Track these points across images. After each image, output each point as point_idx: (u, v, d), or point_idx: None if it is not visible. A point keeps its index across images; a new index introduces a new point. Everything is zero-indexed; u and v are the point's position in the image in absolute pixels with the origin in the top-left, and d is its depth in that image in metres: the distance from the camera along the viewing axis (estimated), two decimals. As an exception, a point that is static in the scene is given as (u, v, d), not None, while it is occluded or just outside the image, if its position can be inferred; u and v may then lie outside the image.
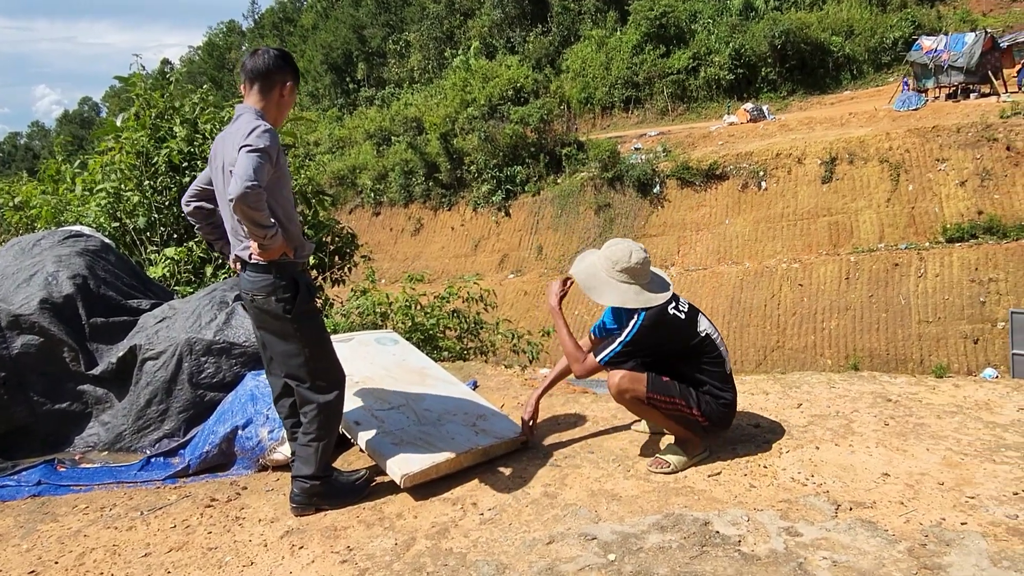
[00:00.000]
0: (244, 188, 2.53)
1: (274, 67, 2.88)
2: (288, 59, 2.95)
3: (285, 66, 2.91)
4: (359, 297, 7.28)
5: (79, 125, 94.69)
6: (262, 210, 2.61)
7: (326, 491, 3.01)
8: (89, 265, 4.53)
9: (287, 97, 2.93)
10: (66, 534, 3.04)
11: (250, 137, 2.65)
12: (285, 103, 2.94)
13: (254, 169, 2.57)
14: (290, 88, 2.93)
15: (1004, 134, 23.55)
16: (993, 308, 20.83)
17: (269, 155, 2.64)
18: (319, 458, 2.94)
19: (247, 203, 2.55)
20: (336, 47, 62.06)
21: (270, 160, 2.65)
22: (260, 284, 2.84)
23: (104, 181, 7.10)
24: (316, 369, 2.91)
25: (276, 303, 2.82)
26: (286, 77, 2.92)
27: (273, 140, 2.68)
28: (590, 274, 3.06)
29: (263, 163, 2.61)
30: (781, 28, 35.35)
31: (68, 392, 4.10)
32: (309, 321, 2.91)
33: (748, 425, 3.41)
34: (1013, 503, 2.52)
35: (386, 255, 36.88)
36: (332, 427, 2.99)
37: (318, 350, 2.92)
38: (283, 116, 3.00)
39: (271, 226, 2.69)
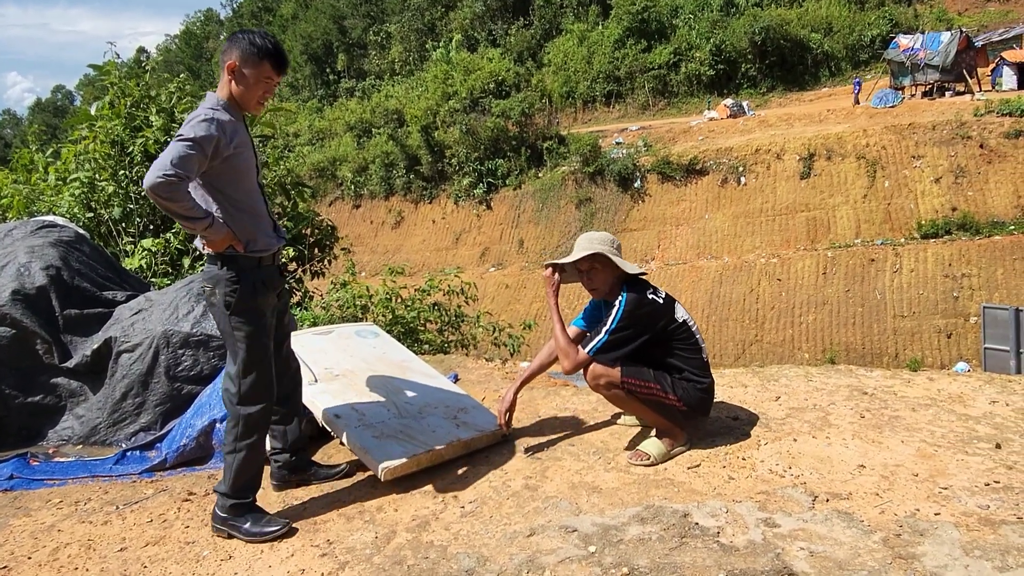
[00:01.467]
0: (154, 178, 2.43)
1: (224, 47, 2.74)
2: (234, 37, 2.73)
3: (229, 46, 2.72)
4: (339, 290, 7.23)
5: (52, 113, 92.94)
6: (178, 201, 2.49)
7: (239, 515, 2.75)
8: (63, 256, 4.45)
9: (238, 76, 2.69)
10: (39, 529, 2.99)
11: (185, 125, 2.56)
12: (239, 83, 2.71)
13: (174, 158, 2.45)
14: (232, 67, 2.69)
15: (978, 132, 23.95)
16: (966, 303, 21.21)
17: (199, 145, 2.51)
18: (233, 475, 2.75)
19: (157, 193, 2.45)
20: (316, 37, 61.46)
21: (201, 150, 2.52)
22: (208, 275, 2.76)
23: (78, 170, 6.99)
24: (244, 376, 2.74)
25: (217, 295, 2.72)
26: (229, 56, 2.71)
27: (210, 129, 2.54)
28: (608, 249, 3.10)
29: (190, 153, 2.48)
30: (761, 24, 35.62)
31: (41, 385, 4.03)
32: (246, 323, 2.73)
33: (727, 418, 3.44)
34: (985, 493, 2.57)
35: (366, 248, 36.68)
36: (251, 443, 2.76)
37: (251, 355, 2.73)
38: (249, 98, 2.74)
39: (201, 217, 2.58)
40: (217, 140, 2.57)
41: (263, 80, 2.73)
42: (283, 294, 3.02)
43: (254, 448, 2.78)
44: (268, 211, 2.92)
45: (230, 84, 2.71)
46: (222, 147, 2.61)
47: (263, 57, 2.70)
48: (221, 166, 2.65)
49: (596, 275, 3.14)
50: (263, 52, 2.70)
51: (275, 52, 2.73)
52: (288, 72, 19.83)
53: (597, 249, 3.08)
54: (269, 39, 2.74)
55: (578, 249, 3.13)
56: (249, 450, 2.76)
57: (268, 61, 2.71)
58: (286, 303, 3.09)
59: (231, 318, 2.72)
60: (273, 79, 2.76)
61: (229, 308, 2.71)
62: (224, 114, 2.67)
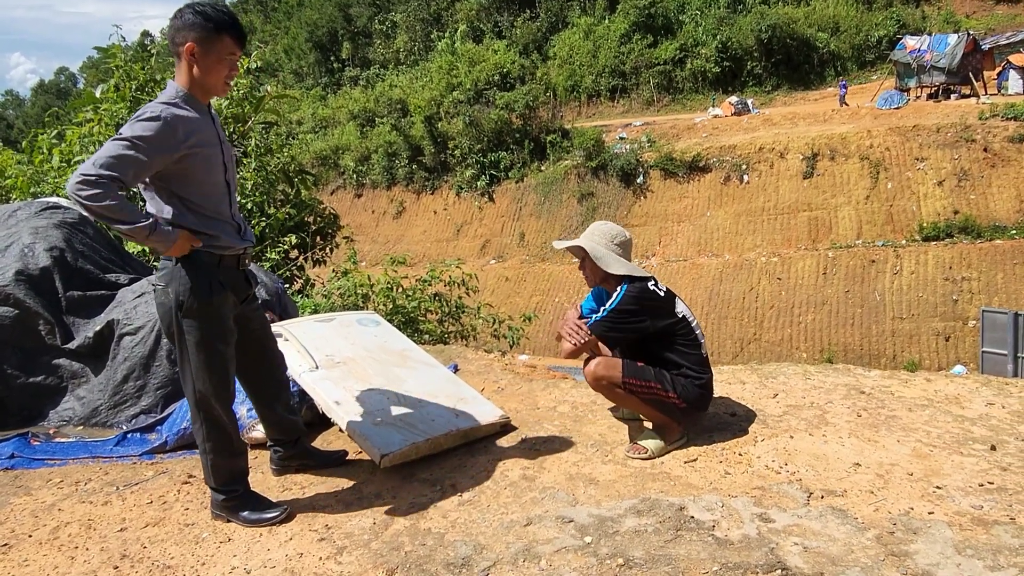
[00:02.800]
0: (73, 180, 2.22)
1: (173, 29, 2.41)
2: (182, 14, 2.39)
3: (180, 25, 2.39)
4: (340, 278, 7.25)
5: (55, 95, 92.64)
6: (100, 204, 2.23)
7: (234, 507, 2.74)
8: (67, 238, 4.46)
9: (199, 59, 2.40)
10: (40, 508, 3.01)
11: (129, 122, 2.32)
12: (200, 67, 2.42)
13: (100, 159, 2.23)
14: (191, 49, 2.38)
15: (982, 135, 23.94)
16: (965, 307, 21.26)
17: (137, 145, 2.27)
18: (212, 473, 2.71)
19: (76, 197, 2.22)
20: (321, 25, 61.25)
21: (139, 151, 2.27)
22: (161, 271, 2.57)
23: (82, 153, 7.00)
24: (197, 382, 2.59)
25: (169, 294, 2.52)
26: (183, 36, 2.39)
27: (155, 128, 2.30)
28: (594, 247, 3.13)
29: (124, 154, 2.24)
30: (768, 22, 35.54)
31: (43, 366, 4.05)
32: (198, 327, 2.53)
33: (725, 414, 3.46)
34: (979, 494, 2.59)
35: (367, 237, 36.66)
36: (219, 442, 2.67)
37: (201, 359, 2.56)
38: (215, 81, 2.46)
39: (135, 223, 2.33)
40: (164, 139, 2.33)
41: (226, 58, 2.45)
42: (250, 300, 2.82)
43: (223, 445, 2.69)
44: (233, 213, 2.67)
45: (191, 70, 2.42)
46: (172, 146, 2.36)
47: (222, 31, 2.40)
48: (174, 167, 2.41)
49: (587, 265, 3.18)
50: (221, 25, 2.39)
51: (233, 23, 2.43)
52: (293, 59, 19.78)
53: (582, 243, 3.14)
54: (221, 9, 2.43)
55: (581, 236, 3.18)
56: (218, 448, 2.68)
57: (228, 35, 2.42)
58: (257, 313, 2.89)
59: (182, 320, 2.51)
60: (236, 54, 2.48)
61: (181, 308, 2.50)
62: (182, 109, 2.41)
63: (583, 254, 3.17)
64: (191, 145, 2.41)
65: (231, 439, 2.74)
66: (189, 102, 2.46)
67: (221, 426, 2.69)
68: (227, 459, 2.74)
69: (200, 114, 2.49)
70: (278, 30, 68.30)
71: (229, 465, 2.75)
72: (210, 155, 2.51)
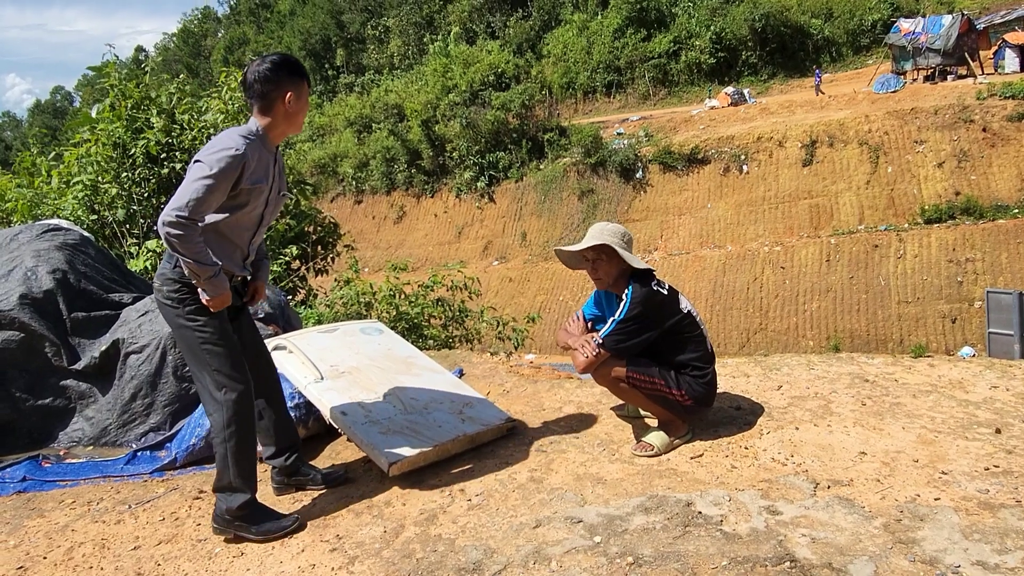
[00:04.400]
0: (167, 219, 2.40)
1: (266, 80, 2.63)
2: (282, 67, 2.65)
3: (279, 76, 2.64)
4: (343, 287, 7.28)
5: (52, 115, 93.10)
6: (187, 244, 2.43)
7: (249, 516, 2.73)
8: (69, 259, 4.49)
9: (294, 105, 2.68)
10: (53, 529, 3.04)
11: (211, 151, 2.48)
12: (294, 111, 2.69)
13: (191, 200, 2.40)
14: (291, 98, 2.65)
15: (980, 115, 23.87)
16: (970, 288, 21.20)
17: (219, 180, 2.46)
18: (232, 462, 2.69)
19: (167, 234, 2.41)
20: (314, 33, 61.41)
21: (219, 187, 2.47)
22: (161, 274, 2.67)
23: (80, 173, 7.03)
24: (213, 366, 2.67)
25: (167, 292, 2.65)
26: (281, 86, 2.64)
27: (233, 164, 2.48)
28: (616, 241, 3.10)
29: (209, 194, 2.43)
30: (761, 11, 35.48)
31: (51, 387, 4.08)
32: (199, 313, 2.65)
33: (729, 407, 3.47)
34: (984, 478, 2.60)
35: (369, 243, 36.74)
36: (239, 428, 2.70)
37: (213, 340, 2.66)
38: (296, 122, 2.74)
39: (207, 264, 2.50)
40: (236, 173, 2.52)
41: (306, 98, 2.74)
42: (242, 312, 2.92)
43: (244, 432, 2.71)
44: (252, 243, 2.83)
45: (280, 115, 2.67)
46: (239, 180, 2.55)
47: (306, 81, 2.73)
48: (226, 201, 2.59)
49: (601, 266, 3.14)
50: (305, 76, 2.73)
51: (304, 68, 2.76)
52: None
53: (605, 240, 3.09)
54: (292, 57, 2.77)
55: (588, 238, 3.14)
56: (239, 434, 2.69)
57: (305, 80, 2.74)
58: (247, 321, 2.97)
59: (185, 311, 2.63)
60: (307, 91, 2.77)
61: (183, 303, 2.63)
62: (256, 148, 2.60)
63: (594, 255, 3.13)
64: (252, 182, 2.60)
65: (252, 429, 2.78)
66: (264, 142, 2.67)
67: (245, 411, 2.70)
68: (247, 446, 2.73)
69: (268, 153, 2.69)
70: (271, 40, 68.43)
71: (248, 453, 2.73)
72: (259, 195, 2.69)
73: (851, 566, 2.17)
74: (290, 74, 2.67)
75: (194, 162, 2.51)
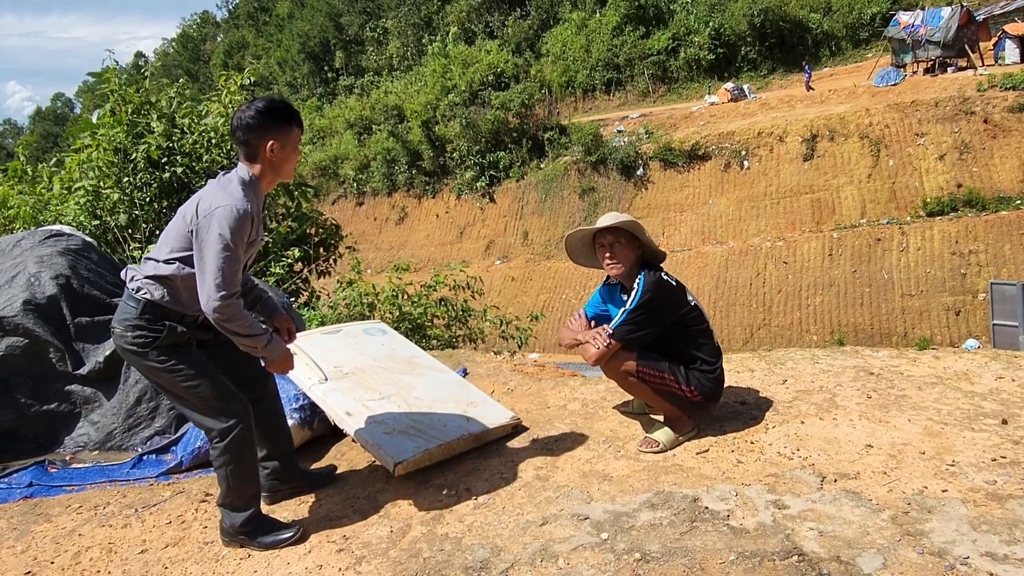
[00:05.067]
0: (211, 305, 2.39)
1: (248, 128, 2.54)
2: (265, 114, 2.54)
3: (255, 122, 2.53)
4: (345, 288, 7.27)
5: (52, 122, 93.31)
6: (237, 320, 2.44)
7: (252, 531, 2.71)
8: (72, 264, 4.49)
9: (278, 154, 2.57)
10: (61, 534, 3.04)
11: (221, 215, 2.41)
12: (279, 160, 2.59)
13: (220, 280, 2.38)
14: (275, 146, 2.55)
15: (981, 107, 23.80)
16: (974, 280, 21.14)
17: (237, 244, 2.43)
18: (230, 488, 2.66)
19: (218, 320, 2.42)
20: (313, 36, 61.47)
21: (239, 251, 2.45)
22: (121, 316, 2.59)
23: (82, 179, 7.04)
24: (202, 403, 2.61)
25: (129, 338, 2.56)
26: (262, 135, 2.54)
27: (244, 224, 2.44)
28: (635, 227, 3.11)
29: (234, 265, 2.41)
30: (760, 6, 35.42)
31: (56, 393, 4.08)
32: (167, 356, 2.58)
33: (735, 402, 3.46)
34: (991, 469, 2.59)
35: (371, 245, 36.77)
36: (239, 455, 2.64)
37: (191, 381, 2.59)
38: (284, 171, 2.63)
39: (259, 334, 2.50)
40: (246, 233, 2.50)
41: (294, 144, 2.64)
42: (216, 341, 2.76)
43: (243, 456, 2.65)
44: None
45: (267, 163, 2.59)
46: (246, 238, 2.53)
47: (292, 124, 2.60)
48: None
49: (619, 249, 3.10)
50: (292, 119, 2.60)
51: (297, 113, 2.64)
52: (287, 71, 19.72)
53: (624, 220, 3.08)
54: (279, 101, 2.62)
55: (604, 220, 3.11)
56: (238, 459, 2.64)
57: (296, 126, 2.62)
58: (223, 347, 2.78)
59: (153, 355, 2.55)
60: (298, 134, 2.66)
61: (148, 346, 2.55)
62: (254, 200, 2.55)
63: (612, 238, 3.09)
64: (250, 239, 2.56)
65: (252, 452, 2.73)
66: (255, 190, 2.59)
67: (243, 440, 2.64)
68: (244, 475, 2.69)
69: (259, 203, 2.63)
70: (270, 43, 68.56)
71: (245, 481, 2.69)
72: (251, 245, 2.62)
73: (859, 559, 2.17)
74: (275, 121, 2.56)
75: (205, 221, 2.44)
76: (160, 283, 2.56)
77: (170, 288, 2.57)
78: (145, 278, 2.58)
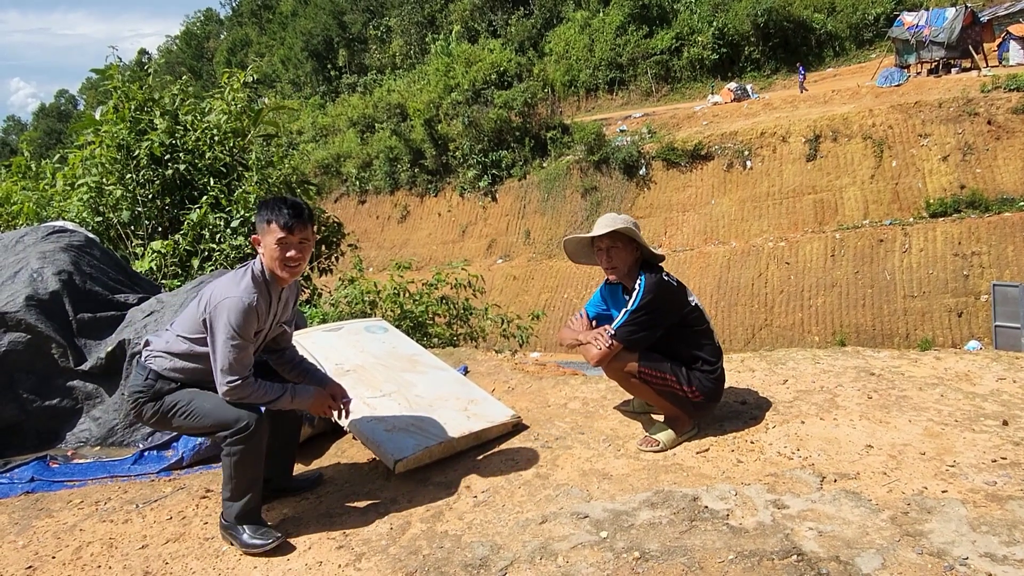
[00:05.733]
0: (223, 390, 2.57)
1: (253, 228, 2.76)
2: (256, 209, 2.73)
3: (256, 221, 2.73)
4: (347, 286, 7.29)
5: (56, 118, 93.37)
6: (252, 395, 2.61)
7: (239, 527, 2.71)
8: (74, 261, 4.50)
9: (262, 248, 2.68)
10: (62, 529, 3.05)
11: (228, 307, 2.56)
12: (264, 254, 2.68)
13: (226, 366, 2.55)
14: (258, 241, 2.69)
15: (985, 108, 23.74)
16: (976, 281, 21.11)
17: (245, 335, 2.57)
18: (230, 478, 2.67)
19: (234, 399, 2.59)
20: (316, 34, 61.45)
21: (248, 339, 2.59)
22: (133, 386, 2.73)
23: (85, 175, 7.05)
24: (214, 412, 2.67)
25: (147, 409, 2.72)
26: (256, 234, 2.71)
27: (250, 316, 2.58)
28: (631, 228, 3.10)
29: (241, 352, 2.56)
30: (764, 6, 35.37)
31: (58, 388, 4.09)
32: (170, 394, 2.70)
33: (735, 402, 3.46)
34: (992, 470, 2.59)
35: (373, 243, 36.79)
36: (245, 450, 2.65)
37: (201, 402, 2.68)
38: (273, 267, 2.67)
39: (280, 396, 2.66)
40: (253, 324, 2.62)
41: (276, 243, 2.64)
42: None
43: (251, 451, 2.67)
44: None
45: (262, 255, 2.71)
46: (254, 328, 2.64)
47: (269, 221, 2.64)
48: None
49: (616, 253, 3.11)
50: (267, 216, 2.65)
51: (276, 209, 2.64)
52: (290, 69, 19.62)
53: (619, 226, 3.07)
54: (275, 200, 2.68)
55: (600, 226, 3.11)
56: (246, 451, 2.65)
57: (274, 222, 2.63)
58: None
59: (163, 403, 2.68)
60: (287, 236, 2.63)
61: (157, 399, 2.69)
62: (262, 291, 2.66)
63: (608, 243, 3.09)
64: (255, 330, 2.67)
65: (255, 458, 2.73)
66: (266, 282, 2.70)
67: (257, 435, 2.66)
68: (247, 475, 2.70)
69: (273, 294, 2.74)
70: (274, 41, 68.59)
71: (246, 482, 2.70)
72: (258, 335, 2.73)
73: (858, 559, 2.17)
74: (258, 219, 2.69)
75: (214, 312, 2.58)
76: (170, 357, 2.72)
77: (178, 362, 2.72)
78: (158, 351, 2.74)
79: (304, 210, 2.68)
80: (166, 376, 2.71)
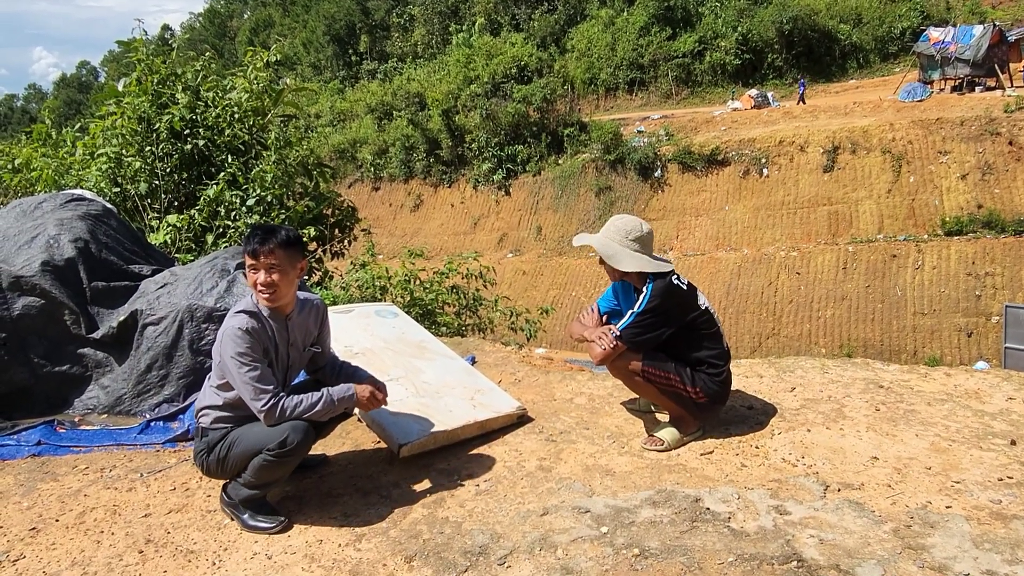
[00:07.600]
0: (263, 414, 2.57)
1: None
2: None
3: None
4: (358, 270, 7.30)
5: (76, 89, 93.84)
6: (291, 411, 2.58)
7: (242, 509, 2.72)
8: (91, 229, 4.54)
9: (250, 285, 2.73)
10: (66, 493, 3.08)
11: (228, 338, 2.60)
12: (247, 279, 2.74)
13: (252, 388, 2.56)
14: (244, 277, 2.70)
15: (1007, 128, 23.50)
16: (988, 302, 20.93)
17: (252, 356, 2.58)
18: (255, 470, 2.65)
19: (272, 422, 2.58)
20: (339, 18, 61.38)
21: (255, 358, 2.59)
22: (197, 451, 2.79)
23: (105, 146, 7.09)
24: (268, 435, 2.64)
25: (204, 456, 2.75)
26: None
27: (246, 342, 2.58)
28: (605, 244, 3.10)
29: (254, 373, 2.56)
30: (789, 14, 35.10)
31: (68, 355, 4.12)
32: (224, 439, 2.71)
33: (741, 407, 3.46)
34: (997, 488, 2.57)
35: (385, 230, 36.79)
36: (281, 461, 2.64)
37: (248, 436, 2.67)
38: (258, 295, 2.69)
39: (319, 401, 2.62)
40: (258, 346, 2.62)
41: (248, 268, 2.69)
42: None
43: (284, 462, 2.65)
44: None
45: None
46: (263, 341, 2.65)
47: (246, 249, 2.67)
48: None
49: (605, 264, 3.17)
50: (246, 243, 2.68)
51: (249, 235, 2.68)
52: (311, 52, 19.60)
53: (594, 242, 3.11)
54: (254, 226, 2.77)
55: (598, 234, 3.14)
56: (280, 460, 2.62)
57: (245, 248, 2.68)
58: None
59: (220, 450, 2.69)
60: (254, 263, 2.65)
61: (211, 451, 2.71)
62: (257, 316, 2.67)
63: (599, 257, 3.16)
64: (264, 353, 2.68)
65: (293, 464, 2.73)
66: (263, 312, 2.71)
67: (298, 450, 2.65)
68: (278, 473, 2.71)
69: (279, 324, 2.75)
70: (296, 23, 68.60)
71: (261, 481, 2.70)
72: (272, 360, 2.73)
73: (859, 569, 2.17)
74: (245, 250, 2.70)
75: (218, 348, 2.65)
76: (212, 409, 2.76)
77: (219, 412, 2.74)
78: (202, 408, 2.79)
79: (274, 235, 2.65)
80: (215, 428, 2.74)
